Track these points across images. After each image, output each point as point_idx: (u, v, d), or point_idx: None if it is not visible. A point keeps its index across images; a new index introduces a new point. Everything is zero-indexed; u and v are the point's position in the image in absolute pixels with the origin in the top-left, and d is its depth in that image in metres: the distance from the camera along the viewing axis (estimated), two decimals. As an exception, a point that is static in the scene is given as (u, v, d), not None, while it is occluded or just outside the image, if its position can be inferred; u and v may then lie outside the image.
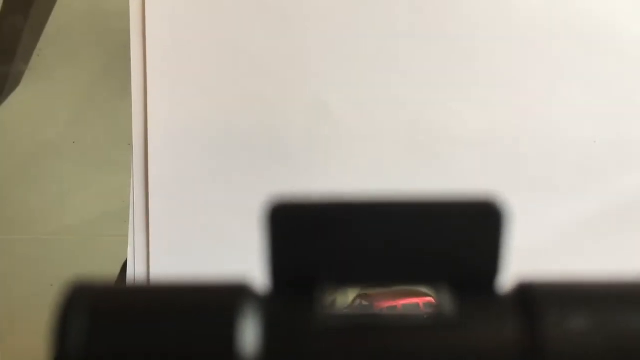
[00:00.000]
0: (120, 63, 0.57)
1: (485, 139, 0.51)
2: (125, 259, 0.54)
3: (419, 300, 0.45)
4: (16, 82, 0.78)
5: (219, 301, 0.14)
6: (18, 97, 0.82)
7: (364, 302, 0.46)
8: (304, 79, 0.51)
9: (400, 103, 0.51)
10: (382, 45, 0.51)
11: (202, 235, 0.52)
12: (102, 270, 0.77)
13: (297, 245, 0.14)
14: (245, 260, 0.54)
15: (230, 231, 0.51)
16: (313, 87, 0.51)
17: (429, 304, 0.45)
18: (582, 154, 0.51)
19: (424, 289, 0.45)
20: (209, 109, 0.51)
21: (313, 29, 0.51)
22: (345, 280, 0.15)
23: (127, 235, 0.53)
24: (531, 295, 0.14)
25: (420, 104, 0.51)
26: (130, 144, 0.53)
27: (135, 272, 0.53)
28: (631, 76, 0.51)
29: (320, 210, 0.14)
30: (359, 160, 0.51)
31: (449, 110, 0.51)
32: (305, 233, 0.14)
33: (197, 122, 0.52)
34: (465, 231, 0.14)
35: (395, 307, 0.45)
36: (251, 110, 0.51)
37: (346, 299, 0.47)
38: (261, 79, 0.51)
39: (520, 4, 0.50)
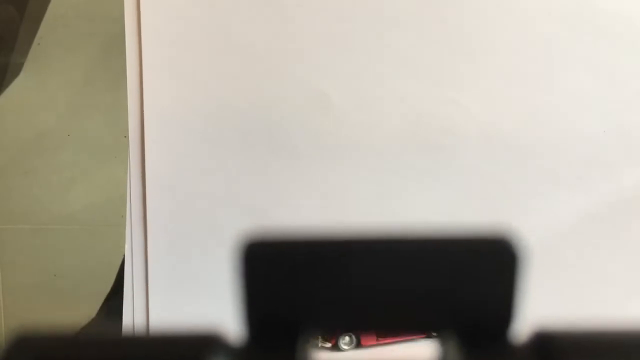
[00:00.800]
0: (119, 53, 0.56)
1: (490, 132, 0.50)
2: (123, 253, 0.54)
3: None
4: (16, 72, 0.77)
5: (184, 355, 0.12)
6: (17, 87, 0.81)
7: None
8: (305, 72, 0.50)
9: (403, 96, 0.50)
10: (385, 38, 0.49)
11: (198, 226, 0.52)
12: (103, 259, 0.76)
13: (276, 288, 0.12)
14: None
15: (227, 222, 0.51)
16: (314, 79, 0.50)
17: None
18: (590, 147, 0.50)
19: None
20: (205, 99, 0.50)
21: (315, 20, 0.49)
22: (332, 328, 0.13)
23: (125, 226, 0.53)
24: (551, 348, 0.12)
25: (425, 97, 0.50)
26: (126, 137, 0.52)
27: (133, 264, 0.53)
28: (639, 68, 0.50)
29: (303, 249, 0.12)
30: (361, 154, 0.50)
31: (453, 103, 0.50)
32: (285, 275, 0.12)
33: (193, 113, 0.51)
34: (474, 272, 0.12)
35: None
36: (249, 101, 0.50)
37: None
38: (260, 70, 0.50)
39: None
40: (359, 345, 0.52)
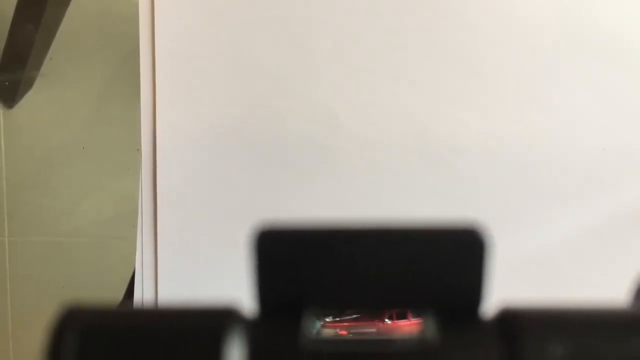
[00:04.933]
0: (132, 68, 0.58)
1: (493, 148, 0.51)
2: (133, 266, 0.54)
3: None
4: (28, 87, 0.79)
5: (206, 324, 0.14)
6: (30, 101, 0.83)
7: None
8: (313, 88, 0.51)
9: (408, 112, 0.51)
10: (390, 55, 0.51)
11: (209, 239, 0.53)
12: (112, 271, 0.77)
13: (283, 270, 0.15)
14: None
15: (237, 236, 0.52)
16: (322, 96, 0.51)
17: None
18: (590, 163, 0.51)
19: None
20: (217, 115, 0.52)
21: (322, 39, 0.51)
22: (331, 305, 0.15)
23: (136, 239, 0.54)
24: (512, 321, 0.14)
25: (429, 113, 0.51)
26: (139, 150, 0.53)
27: (144, 277, 0.54)
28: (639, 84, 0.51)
29: (306, 236, 0.14)
30: (368, 169, 0.52)
31: (457, 119, 0.51)
32: (291, 259, 0.15)
33: (205, 128, 0.52)
34: (449, 259, 0.14)
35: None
36: (260, 117, 0.52)
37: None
38: (270, 86, 0.52)
39: (528, 14, 0.50)
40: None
